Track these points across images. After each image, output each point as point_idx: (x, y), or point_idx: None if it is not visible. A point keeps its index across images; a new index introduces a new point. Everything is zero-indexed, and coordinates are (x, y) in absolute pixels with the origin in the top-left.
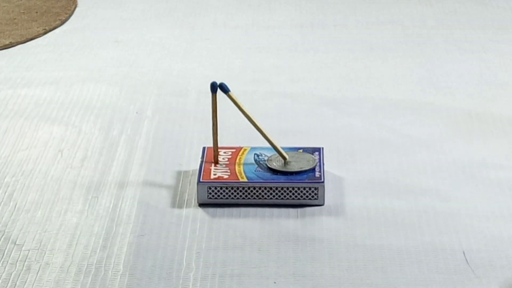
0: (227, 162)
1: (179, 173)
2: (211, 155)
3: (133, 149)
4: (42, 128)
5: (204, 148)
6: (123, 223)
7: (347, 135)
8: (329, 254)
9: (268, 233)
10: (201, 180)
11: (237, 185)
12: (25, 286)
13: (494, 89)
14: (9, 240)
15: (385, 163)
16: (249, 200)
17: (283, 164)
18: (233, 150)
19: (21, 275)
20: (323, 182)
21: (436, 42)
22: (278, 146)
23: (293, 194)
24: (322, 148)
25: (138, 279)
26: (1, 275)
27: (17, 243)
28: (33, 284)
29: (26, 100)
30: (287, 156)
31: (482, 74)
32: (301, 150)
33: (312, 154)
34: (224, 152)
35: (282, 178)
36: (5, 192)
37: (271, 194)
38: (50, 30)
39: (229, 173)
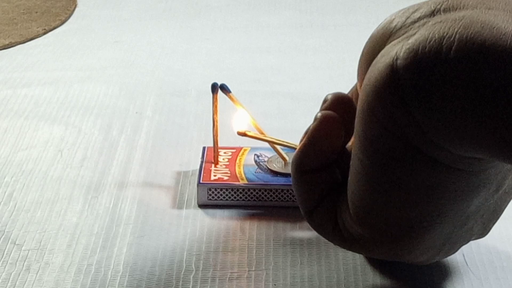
0: (227, 163)
1: (179, 173)
2: (211, 155)
3: (133, 149)
4: (42, 128)
5: (204, 148)
6: (123, 224)
7: None
8: (328, 257)
9: (267, 235)
10: (201, 181)
11: (237, 186)
12: (25, 286)
13: None
14: (9, 240)
15: None
16: (249, 201)
17: (283, 165)
18: (233, 150)
19: (21, 275)
20: None
21: None
22: (278, 148)
23: (293, 196)
24: None
25: (138, 280)
26: (1, 275)
27: (17, 243)
28: (33, 284)
29: (26, 100)
30: (287, 158)
31: None
32: None
33: None
34: (224, 152)
35: (282, 180)
36: (5, 192)
37: (271, 196)
38: (50, 30)
39: (229, 174)
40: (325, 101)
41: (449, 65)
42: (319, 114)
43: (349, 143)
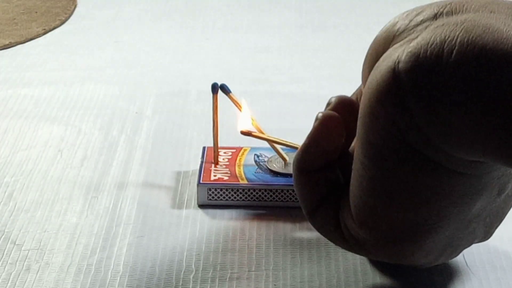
0: (227, 163)
1: (179, 173)
2: (211, 155)
3: (133, 149)
4: (42, 128)
5: (204, 148)
6: (123, 224)
7: None
8: (328, 257)
9: (267, 235)
10: (201, 181)
11: (237, 187)
12: (25, 286)
13: None
14: (8, 240)
15: None
16: (249, 202)
17: (283, 165)
18: (233, 150)
19: (20, 275)
20: None
21: None
22: (279, 148)
23: (293, 196)
24: None
25: (138, 280)
26: (1, 275)
27: (16, 243)
28: (32, 284)
29: (26, 100)
30: (287, 158)
31: None
32: None
33: None
34: (224, 152)
35: (282, 180)
36: (5, 192)
37: (271, 196)
38: (50, 30)
39: (229, 175)
40: (328, 103)
41: (450, 68)
42: (320, 114)
43: (352, 146)
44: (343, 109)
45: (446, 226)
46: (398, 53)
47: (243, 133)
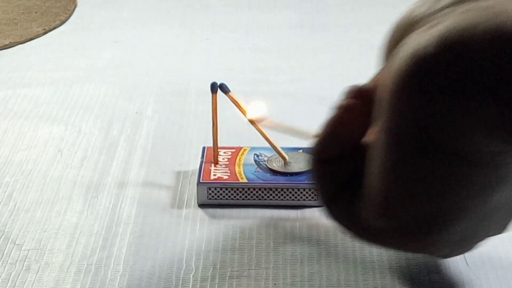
0: (227, 163)
1: (179, 173)
2: (211, 155)
3: (133, 149)
4: (42, 128)
5: (204, 147)
6: (123, 223)
7: None
8: (328, 256)
9: (267, 234)
10: (201, 181)
11: (237, 186)
12: (24, 286)
13: None
14: (8, 240)
15: None
16: (249, 201)
17: (283, 164)
18: (233, 150)
19: (20, 275)
20: None
21: None
22: (278, 147)
23: (293, 195)
24: None
25: (138, 280)
26: (1, 275)
27: (16, 243)
28: (32, 284)
29: (26, 100)
30: (287, 157)
31: None
32: (301, 151)
33: None
34: (224, 152)
35: (281, 179)
36: (5, 192)
37: (271, 195)
38: (50, 30)
39: (229, 174)
40: (345, 93)
41: (477, 54)
42: (341, 103)
43: (368, 136)
44: (360, 98)
45: (463, 219)
46: (421, 39)
47: (250, 121)
